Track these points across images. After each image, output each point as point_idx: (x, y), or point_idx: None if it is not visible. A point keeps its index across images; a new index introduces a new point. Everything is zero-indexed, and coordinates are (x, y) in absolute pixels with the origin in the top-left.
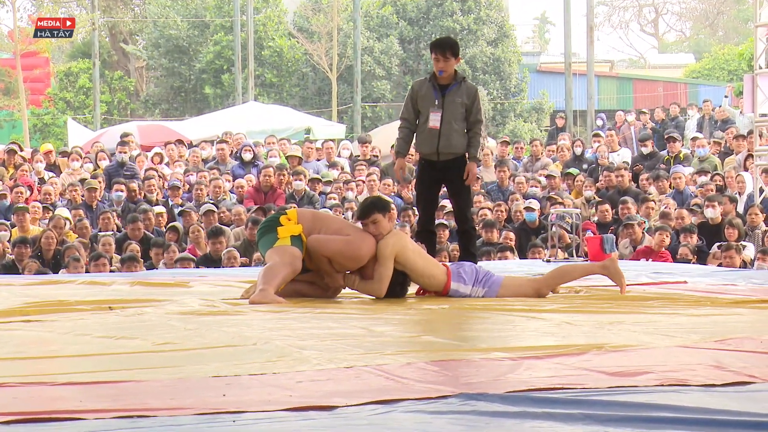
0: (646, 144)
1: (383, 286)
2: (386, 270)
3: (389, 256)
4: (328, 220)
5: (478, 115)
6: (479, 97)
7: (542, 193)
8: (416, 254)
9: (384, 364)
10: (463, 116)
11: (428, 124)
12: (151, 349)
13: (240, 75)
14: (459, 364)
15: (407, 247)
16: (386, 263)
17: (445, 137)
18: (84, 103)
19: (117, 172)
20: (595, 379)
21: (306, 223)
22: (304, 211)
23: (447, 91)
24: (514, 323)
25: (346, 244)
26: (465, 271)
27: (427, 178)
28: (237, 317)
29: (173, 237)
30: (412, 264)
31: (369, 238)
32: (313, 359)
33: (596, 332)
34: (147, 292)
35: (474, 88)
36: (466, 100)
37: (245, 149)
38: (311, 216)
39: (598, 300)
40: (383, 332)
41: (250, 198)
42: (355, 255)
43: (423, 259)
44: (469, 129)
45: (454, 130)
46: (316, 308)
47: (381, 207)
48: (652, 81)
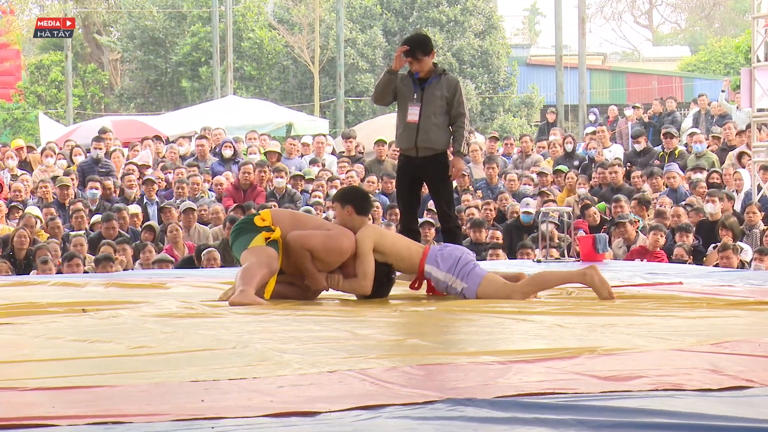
0: (639, 140)
1: (368, 283)
2: (368, 265)
3: (368, 250)
4: (307, 219)
5: (460, 108)
6: (461, 88)
7: (533, 191)
8: (396, 239)
9: (368, 368)
10: (443, 110)
11: (407, 119)
12: (126, 353)
13: (218, 68)
14: (446, 368)
15: (384, 235)
16: (366, 258)
17: (423, 132)
18: (56, 97)
19: (92, 168)
20: (587, 383)
21: (283, 224)
22: (280, 211)
23: (426, 84)
24: (503, 326)
25: (327, 237)
26: (443, 255)
27: (406, 174)
28: (215, 320)
29: (149, 236)
30: (392, 250)
31: (349, 232)
32: (295, 363)
33: (588, 335)
34: (122, 293)
35: (455, 80)
36: (446, 93)
37: (225, 146)
38: (289, 216)
39: (590, 302)
40: (367, 335)
41: (229, 196)
42: (336, 248)
43: (404, 241)
44: (452, 123)
45: (433, 124)
46: (297, 310)
47: (341, 197)
48: (646, 74)
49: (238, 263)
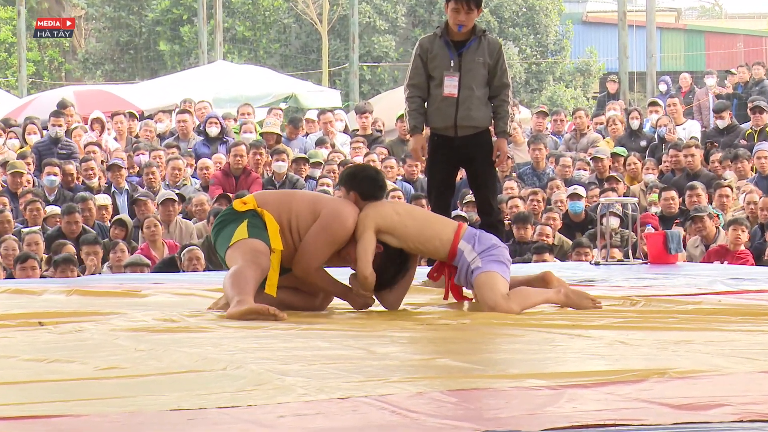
0: (722, 115)
1: (364, 264)
2: (366, 243)
3: (368, 227)
4: (298, 197)
5: (504, 78)
6: (504, 54)
7: (590, 178)
8: (406, 216)
9: (388, 394)
10: (484, 80)
11: (443, 91)
12: (93, 376)
13: (204, 27)
14: (483, 394)
15: (391, 215)
16: (364, 235)
17: (464, 107)
18: (6, 63)
19: (50, 150)
20: (656, 413)
21: (271, 207)
22: (265, 193)
23: (464, 49)
24: (553, 342)
25: (323, 231)
26: (481, 238)
27: (441, 159)
28: (202, 335)
29: (120, 233)
30: (406, 231)
31: (348, 203)
32: (299, 388)
33: (658, 354)
34: (87, 303)
35: (497, 44)
36: (488, 60)
37: (211, 122)
38: (276, 198)
39: (660, 313)
40: (387, 354)
41: (217, 183)
42: (342, 226)
43: (417, 221)
44: (493, 96)
45: (475, 97)
46: (301, 323)
47: (344, 179)
48: (730, 35)
49: (224, 265)
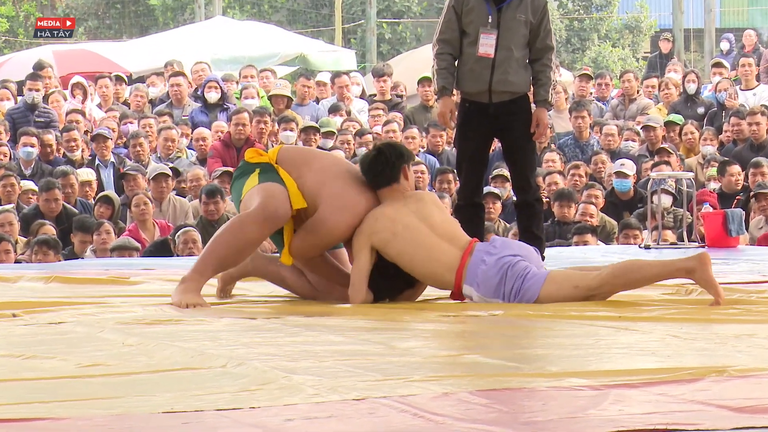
0: None
1: (355, 293)
2: (358, 270)
3: (362, 247)
4: (317, 169)
5: (547, 40)
6: (548, 13)
7: (639, 150)
8: (404, 240)
9: (410, 395)
10: (525, 40)
11: (477, 50)
12: (76, 374)
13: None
14: (518, 394)
15: (387, 234)
16: (359, 258)
17: (500, 70)
18: None
19: (25, 118)
20: (714, 416)
21: (290, 165)
22: (289, 149)
23: (504, 4)
24: (597, 336)
25: (316, 224)
26: (486, 268)
27: (473, 128)
28: (198, 327)
29: (106, 212)
30: (394, 256)
31: (349, 203)
32: (309, 388)
33: (716, 350)
34: (68, 291)
35: (542, 1)
36: (531, 18)
37: (210, 86)
38: (299, 157)
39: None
40: (409, 349)
41: (216, 156)
42: (330, 233)
43: (414, 246)
44: (534, 59)
45: (513, 59)
46: (311, 314)
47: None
48: None
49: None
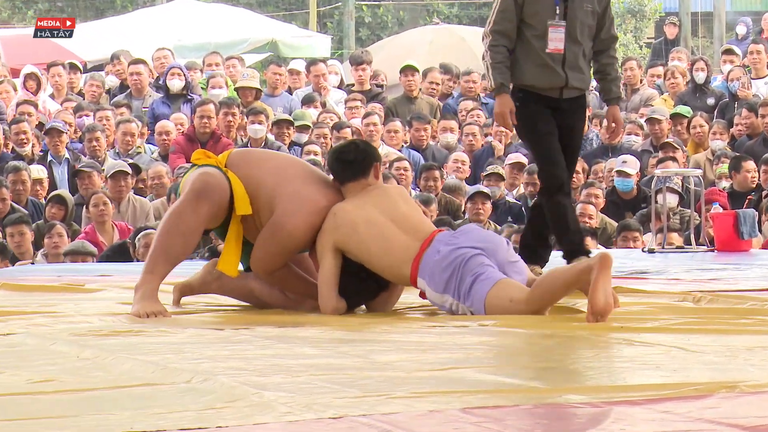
0: None
1: (325, 302)
2: (325, 275)
3: (325, 248)
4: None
5: (612, 29)
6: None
7: (643, 144)
8: (367, 235)
9: (392, 412)
10: (592, 32)
11: (545, 45)
12: (26, 390)
13: None
14: (510, 412)
15: (349, 231)
16: (323, 263)
17: (573, 65)
18: None
19: None
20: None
21: (246, 170)
22: (240, 151)
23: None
24: (596, 349)
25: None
26: (439, 259)
27: (547, 120)
28: (160, 339)
29: (59, 213)
30: (357, 254)
31: (307, 202)
32: (281, 405)
33: (727, 363)
34: (17, 299)
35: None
36: (596, 7)
37: (173, 73)
38: (252, 159)
39: (729, 313)
40: (391, 363)
41: (179, 151)
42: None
43: (376, 240)
44: (600, 51)
45: (582, 53)
46: (283, 325)
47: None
48: None
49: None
